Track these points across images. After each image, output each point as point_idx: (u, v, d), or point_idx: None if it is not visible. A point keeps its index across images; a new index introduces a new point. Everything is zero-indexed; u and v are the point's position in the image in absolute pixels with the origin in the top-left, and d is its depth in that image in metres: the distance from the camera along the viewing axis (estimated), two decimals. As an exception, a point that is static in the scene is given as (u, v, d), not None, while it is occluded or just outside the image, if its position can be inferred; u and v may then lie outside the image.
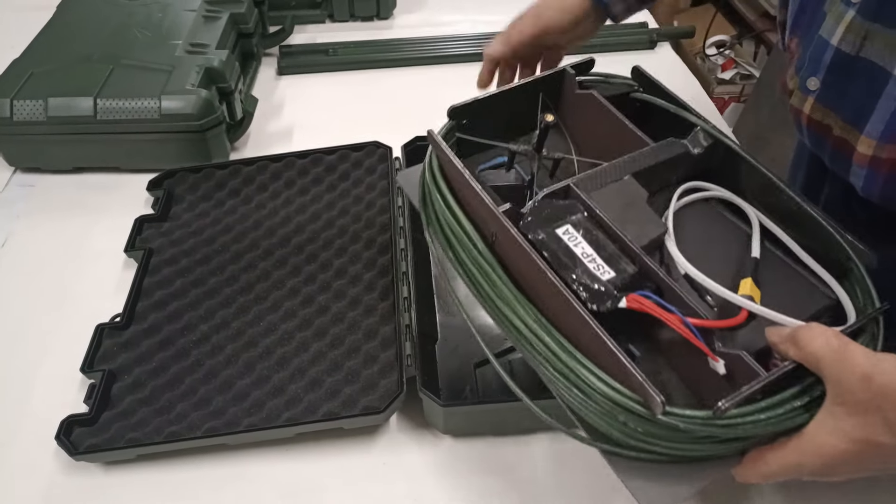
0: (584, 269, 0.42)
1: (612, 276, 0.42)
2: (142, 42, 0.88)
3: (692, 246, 0.47)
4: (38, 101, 0.78)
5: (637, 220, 0.46)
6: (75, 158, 0.79)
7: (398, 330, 0.61)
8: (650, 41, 1.07)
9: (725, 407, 0.37)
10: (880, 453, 0.37)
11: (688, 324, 0.40)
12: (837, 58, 0.49)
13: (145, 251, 0.70)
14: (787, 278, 0.47)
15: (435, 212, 0.51)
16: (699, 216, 0.50)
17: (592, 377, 0.40)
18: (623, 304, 0.41)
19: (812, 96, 0.52)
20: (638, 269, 0.43)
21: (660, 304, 0.41)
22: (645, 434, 0.39)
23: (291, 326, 0.64)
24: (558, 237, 0.44)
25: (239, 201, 0.77)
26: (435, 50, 1.05)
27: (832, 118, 0.52)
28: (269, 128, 0.92)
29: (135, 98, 0.78)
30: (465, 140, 0.55)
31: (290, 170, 0.80)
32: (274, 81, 1.01)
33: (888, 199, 0.52)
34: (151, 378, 0.60)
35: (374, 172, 0.79)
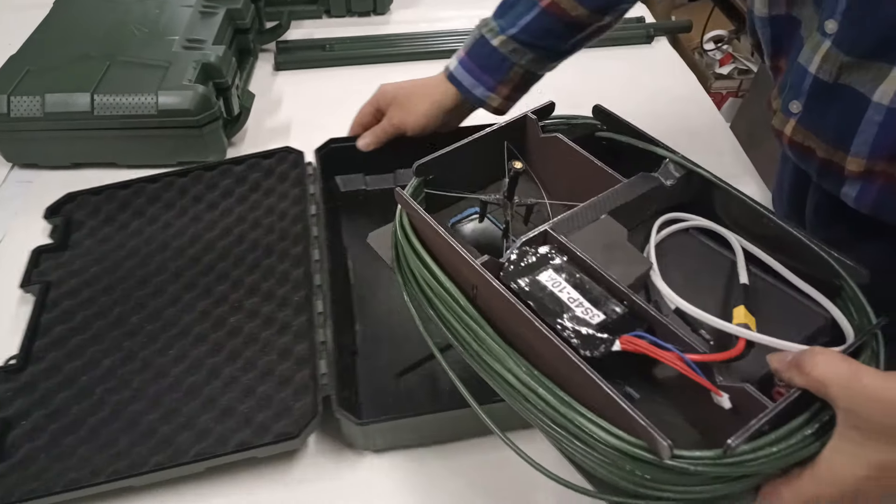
0: (573, 315, 0.41)
1: (602, 318, 0.41)
2: (138, 38, 0.88)
3: (678, 279, 0.46)
4: (35, 98, 0.78)
5: (620, 259, 0.45)
6: (73, 154, 0.80)
7: (313, 347, 0.58)
8: (647, 36, 1.07)
9: (736, 444, 0.35)
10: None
11: (687, 360, 0.39)
12: (816, 85, 0.49)
13: (42, 285, 0.66)
14: (778, 302, 0.47)
15: (411, 271, 0.49)
16: (681, 248, 0.50)
17: (594, 427, 0.38)
18: (617, 346, 0.40)
19: (794, 119, 0.52)
20: (627, 309, 0.42)
21: (655, 343, 0.39)
22: (654, 480, 0.37)
23: (202, 352, 0.60)
24: (542, 284, 0.43)
25: (144, 222, 0.73)
26: (431, 45, 1.05)
27: (813, 140, 0.52)
28: (266, 123, 0.92)
29: (132, 94, 0.78)
30: (434, 196, 0.54)
31: (198, 184, 0.76)
32: (271, 77, 1.01)
33: (881, 208, 0.52)
34: (50, 422, 0.56)
35: (287, 180, 0.75)
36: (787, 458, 0.37)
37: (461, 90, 0.68)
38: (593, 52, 1.05)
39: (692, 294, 0.44)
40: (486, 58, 0.66)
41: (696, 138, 0.87)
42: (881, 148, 0.47)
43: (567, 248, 0.45)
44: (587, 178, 0.52)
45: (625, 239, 0.47)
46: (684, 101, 0.95)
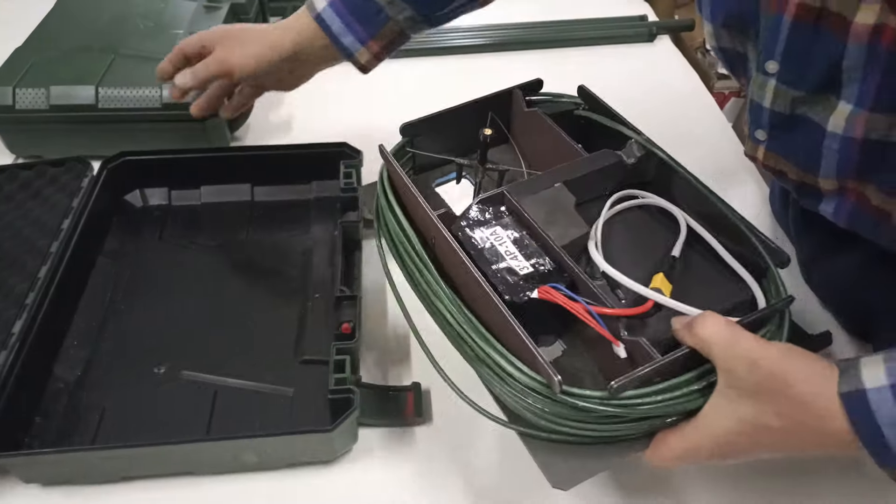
0: (506, 266, 0.47)
1: (530, 271, 0.47)
2: (143, 32, 0.88)
3: (622, 248, 0.52)
4: (41, 90, 0.78)
5: (562, 223, 0.51)
6: (77, 147, 0.80)
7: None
8: (649, 34, 1.07)
9: (617, 385, 0.40)
10: (768, 436, 0.40)
11: (591, 312, 0.44)
12: (774, 117, 0.49)
13: None
14: (708, 277, 0.51)
15: (385, 220, 0.55)
16: (634, 221, 0.55)
17: (504, 362, 0.44)
18: (535, 294, 0.45)
19: (762, 145, 0.52)
20: (556, 265, 0.47)
21: (567, 295, 0.45)
22: (552, 414, 0.42)
23: None
24: (486, 237, 0.49)
25: None
26: (435, 41, 1.05)
27: (784, 164, 0.52)
28: (269, 118, 0.92)
29: (136, 87, 0.79)
30: (420, 156, 0.59)
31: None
32: (275, 72, 1.01)
33: (856, 223, 0.51)
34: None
35: (65, 191, 0.73)
36: (672, 407, 0.41)
37: (329, 35, 0.61)
38: (595, 49, 1.06)
39: (630, 262, 0.50)
40: (361, 5, 0.61)
41: (697, 137, 0.87)
42: (846, 171, 0.47)
43: (515, 209, 0.51)
44: (557, 150, 0.57)
45: (571, 206, 0.52)
46: (686, 100, 0.96)
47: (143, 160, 0.75)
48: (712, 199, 0.52)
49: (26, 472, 0.53)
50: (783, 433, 0.39)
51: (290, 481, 0.55)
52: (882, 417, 0.36)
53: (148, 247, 0.73)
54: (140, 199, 0.77)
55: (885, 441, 0.36)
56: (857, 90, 0.42)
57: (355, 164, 0.74)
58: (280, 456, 0.55)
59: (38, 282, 0.62)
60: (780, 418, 0.39)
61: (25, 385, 0.56)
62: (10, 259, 0.66)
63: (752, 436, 0.40)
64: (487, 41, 1.05)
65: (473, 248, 0.49)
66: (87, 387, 0.60)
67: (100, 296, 0.67)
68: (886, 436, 0.36)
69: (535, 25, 1.09)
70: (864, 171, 0.46)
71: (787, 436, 0.40)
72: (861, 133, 0.43)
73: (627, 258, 0.51)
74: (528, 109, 0.59)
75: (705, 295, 0.49)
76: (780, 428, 0.39)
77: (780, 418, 0.39)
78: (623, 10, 1.12)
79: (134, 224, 0.75)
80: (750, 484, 0.53)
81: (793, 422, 0.39)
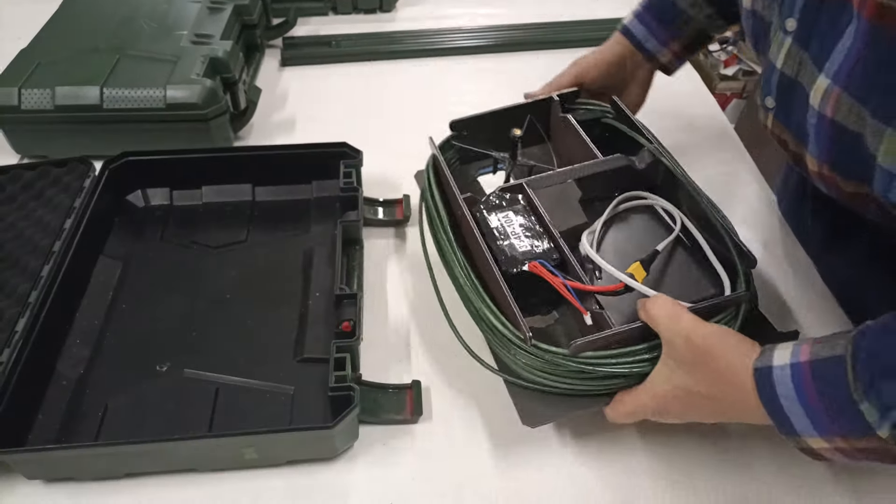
0: (509, 242, 0.56)
1: (528, 249, 0.56)
2: (147, 33, 0.89)
3: (619, 240, 0.61)
4: (46, 90, 0.79)
5: (565, 213, 0.59)
6: (82, 147, 0.80)
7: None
8: (651, 35, 1.08)
9: (577, 344, 0.49)
10: (697, 401, 0.47)
11: (567, 286, 0.52)
12: (782, 80, 0.50)
13: None
14: (688, 271, 0.59)
15: (426, 199, 0.65)
16: (637, 220, 0.63)
17: (493, 318, 0.54)
18: (526, 267, 0.54)
19: (771, 113, 0.54)
20: (552, 247, 0.56)
21: (550, 270, 0.53)
22: (527, 364, 0.52)
23: None
24: (499, 219, 0.58)
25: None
26: (437, 42, 1.06)
27: (787, 134, 0.53)
28: (272, 118, 0.93)
29: (141, 87, 0.79)
30: (463, 148, 0.69)
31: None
32: (277, 72, 1.02)
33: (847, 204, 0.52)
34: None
35: (68, 191, 0.73)
36: (627, 369, 0.50)
37: (633, 42, 0.70)
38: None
39: (621, 252, 0.59)
40: (665, 10, 0.68)
41: (699, 138, 0.88)
42: (823, 154, 0.47)
43: (529, 198, 0.59)
44: (580, 151, 0.65)
45: (576, 200, 0.60)
46: (688, 101, 0.96)
47: (144, 160, 0.76)
48: (703, 203, 0.58)
49: (29, 468, 0.54)
50: (708, 399, 0.46)
51: (291, 478, 0.55)
52: (781, 390, 0.42)
53: (150, 246, 0.73)
54: (142, 199, 0.78)
55: (783, 411, 0.42)
56: (837, 63, 0.43)
57: (355, 163, 0.74)
58: (281, 453, 0.55)
59: (40, 280, 0.63)
60: (706, 386, 0.46)
61: (28, 382, 0.57)
62: (14, 258, 0.67)
63: (683, 399, 0.47)
64: (490, 42, 1.06)
65: (486, 227, 0.57)
66: (90, 384, 0.60)
67: (102, 295, 0.68)
68: (784, 406, 0.42)
69: (537, 27, 1.09)
70: (837, 163, 0.47)
71: (712, 402, 0.47)
72: (831, 112, 0.43)
73: (620, 249, 0.60)
74: (561, 115, 0.67)
75: (681, 285, 0.57)
76: (706, 395, 0.46)
77: (706, 386, 0.46)
78: (624, 12, 1.12)
79: (136, 224, 0.76)
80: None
81: (716, 390, 0.46)
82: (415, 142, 0.88)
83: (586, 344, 0.50)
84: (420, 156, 0.69)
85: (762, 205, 0.79)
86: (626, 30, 0.71)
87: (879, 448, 0.40)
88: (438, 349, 0.64)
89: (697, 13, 0.67)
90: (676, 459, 0.55)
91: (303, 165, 0.77)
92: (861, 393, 0.39)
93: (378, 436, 0.57)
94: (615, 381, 0.51)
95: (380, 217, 0.76)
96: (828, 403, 0.40)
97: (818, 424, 0.41)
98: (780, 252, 0.73)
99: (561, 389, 0.51)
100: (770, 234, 0.75)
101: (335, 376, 0.54)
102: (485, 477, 0.55)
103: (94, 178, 0.74)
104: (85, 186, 0.74)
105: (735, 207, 0.78)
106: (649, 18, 0.69)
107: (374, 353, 0.63)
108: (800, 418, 0.42)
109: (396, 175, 0.82)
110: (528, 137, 0.67)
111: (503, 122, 0.65)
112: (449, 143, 0.67)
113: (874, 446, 0.40)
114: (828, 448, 0.42)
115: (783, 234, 0.75)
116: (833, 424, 0.41)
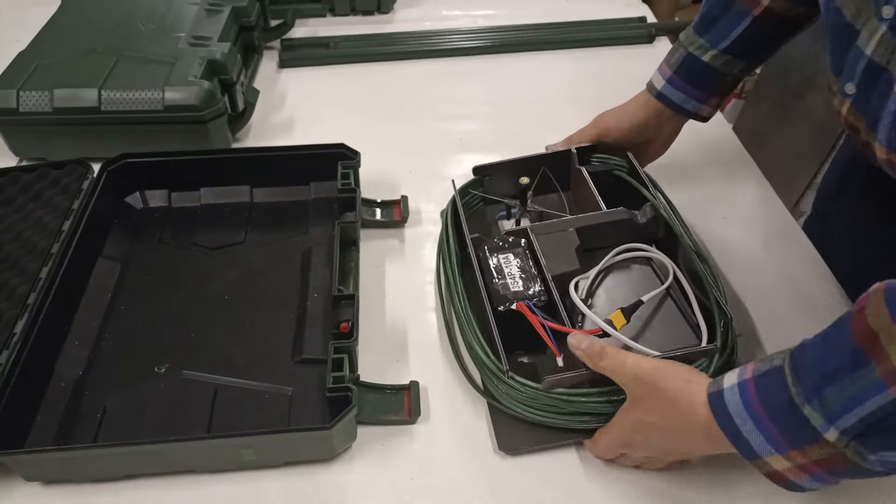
0: (504, 282, 0.60)
1: (520, 290, 0.59)
2: (145, 34, 0.89)
3: (611, 288, 0.65)
4: (44, 92, 0.79)
5: (561, 260, 0.63)
6: (80, 149, 0.81)
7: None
8: (649, 36, 1.08)
9: (548, 380, 0.53)
10: (654, 432, 0.49)
11: (545, 326, 0.56)
12: (869, 67, 0.50)
13: None
14: (674, 323, 0.62)
15: (441, 236, 0.70)
16: (633, 271, 0.67)
17: (479, 349, 0.58)
18: (514, 307, 0.58)
19: (849, 100, 0.54)
20: (544, 290, 0.59)
21: (531, 310, 0.57)
22: (506, 393, 0.55)
23: None
24: (499, 259, 0.62)
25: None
26: (434, 44, 1.06)
27: (861, 122, 0.53)
28: (270, 120, 0.93)
29: (139, 89, 0.79)
30: (486, 191, 0.75)
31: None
32: (275, 74, 1.02)
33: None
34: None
35: (66, 193, 0.73)
36: (595, 408, 0.53)
37: (671, 107, 0.71)
38: (595, 51, 1.07)
39: (609, 299, 0.64)
40: (697, 73, 0.69)
41: (698, 139, 0.88)
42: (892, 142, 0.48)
43: (529, 243, 0.64)
44: (587, 201, 0.69)
45: (573, 248, 0.64)
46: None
47: (142, 162, 0.76)
48: (696, 260, 0.61)
49: (28, 470, 0.54)
50: (663, 429, 0.49)
51: (289, 479, 0.55)
52: (732, 408, 0.43)
53: (148, 248, 0.73)
54: (140, 200, 0.78)
55: (738, 430, 0.43)
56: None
57: (353, 164, 0.74)
58: (279, 454, 0.55)
59: (39, 282, 0.63)
60: (657, 416, 0.48)
61: (27, 384, 0.57)
62: (12, 260, 0.67)
63: (643, 433, 0.50)
64: (487, 43, 1.06)
65: (486, 266, 0.62)
66: (89, 386, 0.61)
67: (101, 296, 0.68)
68: (738, 424, 0.43)
69: (535, 28, 1.09)
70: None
71: (667, 431, 0.49)
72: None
73: (612, 297, 0.64)
74: (577, 166, 0.72)
75: (662, 335, 0.61)
76: (659, 424, 0.48)
77: (657, 416, 0.48)
78: (622, 12, 1.13)
79: (134, 225, 0.76)
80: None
81: (666, 418, 0.48)
82: (413, 143, 0.88)
83: (557, 381, 0.53)
84: (418, 155, 0.69)
85: (761, 205, 0.79)
86: (661, 95, 0.71)
87: (835, 456, 0.40)
88: (436, 350, 0.64)
89: (731, 69, 0.68)
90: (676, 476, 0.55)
91: (301, 167, 0.77)
92: (802, 398, 0.40)
93: (376, 436, 0.57)
94: (585, 417, 0.54)
95: (378, 218, 0.76)
96: (774, 414, 0.42)
97: (772, 440, 0.42)
98: (780, 251, 0.73)
99: (537, 420, 0.55)
100: (769, 233, 0.75)
101: (333, 377, 0.55)
102: (483, 477, 0.55)
103: (92, 180, 0.74)
104: (83, 188, 0.74)
105: (734, 208, 0.78)
106: (682, 83, 0.70)
107: (372, 353, 0.63)
108: (755, 437, 0.43)
109: (394, 176, 0.82)
110: (549, 185, 0.73)
111: (522, 170, 0.70)
112: (472, 185, 0.73)
113: (828, 454, 0.40)
114: (790, 468, 0.42)
115: (783, 234, 0.75)
116: (784, 437, 0.42)
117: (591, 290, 0.64)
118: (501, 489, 0.54)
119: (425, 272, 0.71)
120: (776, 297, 0.68)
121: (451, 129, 0.91)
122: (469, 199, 0.73)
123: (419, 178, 0.82)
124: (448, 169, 0.83)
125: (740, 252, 0.73)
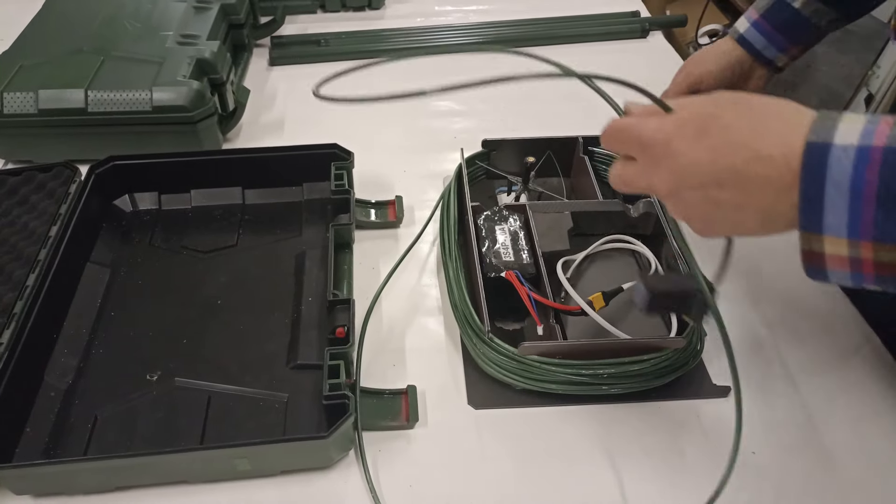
0: (496, 250, 0.64)
1: (511, 260, 0.63)
2: (132, 34, 0.87)
3: (596, 272, 0.67)
4: (29, 94, 0.78)
5: (553, 239, 0.66)
6: (67, 151, 0.79)
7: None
8: (642, 30, 1.07)
9: (524, 346, 0.56)
10: (719, 130, 0.39)
11: (531, 297, 0.59)
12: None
13: None
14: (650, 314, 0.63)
15: (446, 201, 0.74)
16: (619, 259, 0.69)
17: (465, 309, 0.61)
18: (503, 275, 0.61)
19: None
20: (532, 263, 0.63)
21: (520, 281, 0.60)
22: (484, 353, 0.59)
23: None
24: (495, 229, 0.66)
25: None
26: (426, 40, 1.05)
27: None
28: (261, 119, 0.91)
29: (126, 90, 0.78)
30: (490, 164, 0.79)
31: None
32: (266, 72, 1.00)
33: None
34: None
35: (53, 196, 0.72)
36: (561, 375, 0.56)
37: (751, 52, 0.71)
38: (588, 45, 1.06)
39: (592, 282, 0.66)
40: (786, 19, 0.68)
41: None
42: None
43: (525, 219, 0.67)
44: (586, 188, 0.74)
45: (566, 230, 0.67)
46: (680, 96, 0.95)
47: (131, 164, 0.74)
48: (676, 260, 0.63)
49: (17, 484, 0.53)
50: (731, 130, 0.39)
51: (285, 487, 0.54)
52: (834, 174, 0.34)
53: (138, 252, 0.72)
54: (129, 203, 0.76)
55: (822, 200, 0.35)
56: None
57: (346, 165, 0.73)
58: (275, 463, 0.54)
59: (26, 290, 0.62)
60: (735, 117, 0.39)
61: (15, 394, 0.56)
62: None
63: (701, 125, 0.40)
64: (479, 39, 1.05)
65: (479, 233, 0.65)
66: (79, 395, 0.59)
67: (90, 303, 0.66)
68: (826, 194, 0.34)
69: (527, 23, 1.08)
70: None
71: (735, 131, 0.39)
72: None
73: (595, 280, 0.66)
74: (581, 155, 0.75)
75: (634, 323, 0.62)
76: (732, 125, 0.39)
77: (735, 117, 0.39)
78: (615, 7, 1.12)
79: (124, 229, 0.74)
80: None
81: (746, 119, 0.39)
82: (406, 142, 0.87)
83: (532, 347, 0.57)
84: (412, 154, 0.68)
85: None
86: (743, 39, 0.71)
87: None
88: (434, 353, 0.63)
89: (820, 20, 0.68)
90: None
91: (293, 167, 0.76)
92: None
93: (373, 442, 0.56)
94: (553, 385, 0.57)
95: (372, 219, 0.75)
96: (889, 201, 0.33)
97: (856, 223, 0.34)
98: (779, 252, 0.72)
99: (507, 381, 0.58)
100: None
101: (329, 384, 0.54)
102: (482, 483, 0.54)
103: (80, 183, 0.73)
104: (71, 192, 0.72)
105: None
106: (767, 27, 0.70)
107: (368, 357, 0.62)
108: (838, 212, 0.34)
109: (388, 176, 0.81)
110: (551, 169, 0.77)
111: (531, 149, 0.73)
112: (474, 160, 0.77)
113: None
114: (842, 257, 0.35)
115: (783, 235, 0.75)
116: (876, 227, 0.34)
117: (577, 271, 0.67)
118: (500, 494, 0.53)
119: (421, 273, 0.70)
120: (772, 302, 0.67)
121: (446, 127, 0.90)
122: (474, 170, 0.77)
123: (413, 177, 0.81)
124: (443, 167, 0.81)
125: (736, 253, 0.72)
